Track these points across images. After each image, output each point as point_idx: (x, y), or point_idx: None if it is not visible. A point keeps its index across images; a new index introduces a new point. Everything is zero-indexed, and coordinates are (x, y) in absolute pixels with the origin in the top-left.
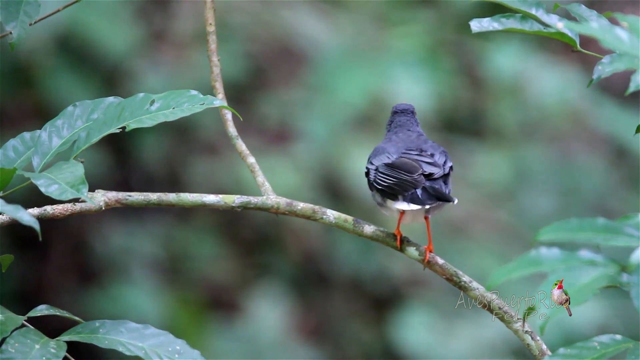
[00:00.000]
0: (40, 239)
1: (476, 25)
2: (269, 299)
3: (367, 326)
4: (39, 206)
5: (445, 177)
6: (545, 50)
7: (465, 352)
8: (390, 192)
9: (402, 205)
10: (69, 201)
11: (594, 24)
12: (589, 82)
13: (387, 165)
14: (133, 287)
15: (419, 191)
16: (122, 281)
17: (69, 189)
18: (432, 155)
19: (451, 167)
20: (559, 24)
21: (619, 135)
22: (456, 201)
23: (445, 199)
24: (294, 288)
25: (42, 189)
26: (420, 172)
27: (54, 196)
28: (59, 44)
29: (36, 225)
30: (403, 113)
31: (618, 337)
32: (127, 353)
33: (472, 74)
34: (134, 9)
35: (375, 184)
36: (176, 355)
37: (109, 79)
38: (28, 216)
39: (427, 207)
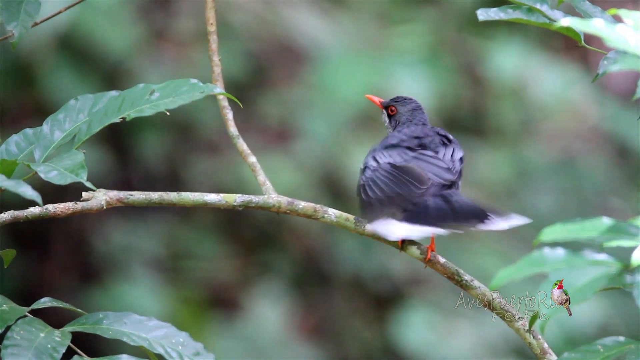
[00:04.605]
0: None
1: (483, 14)
2: (270, 298)
3: (368, 325)
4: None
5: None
6: (547, 49)
7: (466, 350)
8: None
9: (400, 229)
10: (71, 200)
11: (599, 22)
12: (594, 77)
13: (392, 166)
14: (134, 285)
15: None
16: (123, 280)
17: (69, 174)
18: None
19: (461, 159)
20: (564, 21)
21: (621, 133)
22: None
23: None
24: (294, 287)
25: (42, 175)
26: (427, 184)
27: (54, 181)
28: (60, 43)
29: (38, 199)
30: (419, 110)
31: (621, 338)
32: (132, 343)
33: (474, 73)
34: (135, 7)
35: (368, 191)
36: (180, 347)
37: (110, 77)
38: (30, 190)
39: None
